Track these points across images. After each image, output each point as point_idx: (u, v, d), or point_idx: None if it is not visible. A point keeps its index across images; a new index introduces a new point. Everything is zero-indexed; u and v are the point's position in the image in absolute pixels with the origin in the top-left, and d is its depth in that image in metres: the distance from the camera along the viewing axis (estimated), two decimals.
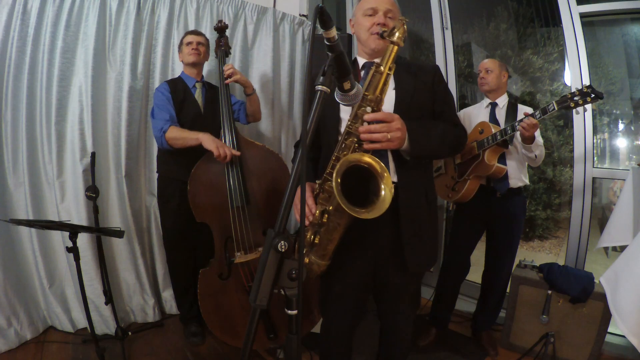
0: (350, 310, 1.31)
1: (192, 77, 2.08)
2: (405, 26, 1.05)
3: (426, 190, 1.25)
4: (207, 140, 1.79)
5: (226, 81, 1.94)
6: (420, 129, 1.13)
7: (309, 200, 1.11)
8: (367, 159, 1.04)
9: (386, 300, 1.34)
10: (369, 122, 1.06)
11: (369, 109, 1.06)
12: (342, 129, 1.19)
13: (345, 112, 1.20)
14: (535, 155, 1.87)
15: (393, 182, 1.15)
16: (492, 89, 2.08)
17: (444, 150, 1.23)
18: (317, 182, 1.12)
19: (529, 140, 1.80)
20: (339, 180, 0.99)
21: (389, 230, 1.18)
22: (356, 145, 1.07)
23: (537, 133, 1.83)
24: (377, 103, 1.07)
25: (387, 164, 1.17)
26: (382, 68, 1.07)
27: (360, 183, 1.07)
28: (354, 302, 1.30)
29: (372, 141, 1.05)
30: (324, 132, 1.27)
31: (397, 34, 1.05)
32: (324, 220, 1.07)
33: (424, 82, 1.23)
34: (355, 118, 1.07)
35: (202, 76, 2.15)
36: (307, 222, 1.12)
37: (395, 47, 1.06)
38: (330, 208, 1.06)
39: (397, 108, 1.18)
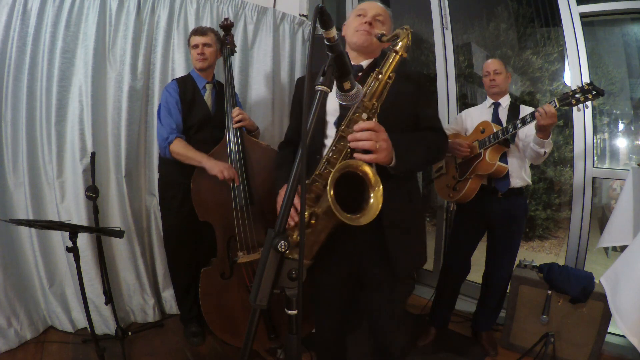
0: (338, 311, 1.32)
1: (203, 78, 2.05)
2: (410, 37, 1.05)
3: (409, 192, 1.26)
4: (210, 166, 1.79)
5: (234, 125, 1.90)
6: (406, 146, 1.13)
7: (295, 201, 1.09)
8: (365, 168, 1.03)
9: (373, 304, 1.31)
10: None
11: (365, 115, 1.05)
12: (328, 131, 1.20)
13: (331, 115, 1.21)
14: (545, 152, 1.81)
15: None
16: (501, 90, 2.07)
17: (427, 163, 1.26)
18: (307, 181, 1.11)
19: (545, 134, 1.73)
20: (332, 188, 0.98)
21: (369, 234, 1.17)
22: (348, 150, 1.06)
23: None
24: (374, 111, 1.06)
25: None
26: (381, 76, 1.06)
27: (349, 188, 1.06)
28: (342, 303, 1.31)
29: (361, 150, 1.04)
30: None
31: (400, 44, 1.05)
32: (312, 222, 1.05)
33: (408, 86, 1.23)
34: (350, 123, 1.06)
35: (214, 75, 2.11)
36: (292, 223, 1.11)
37: (397, 57, 1.06)
38: (319, 211, 1.04)
39: (380, 112, 1.16)
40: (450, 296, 2.22)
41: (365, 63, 1.26)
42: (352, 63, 1.27)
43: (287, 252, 0.67)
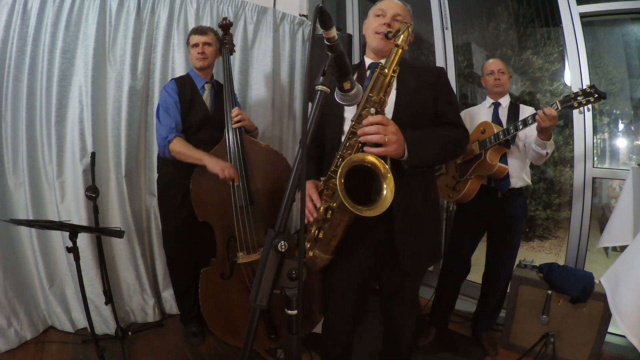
0: (350, 307, 1.31)
1: (202, 78, 2.05)
2: (409, 29, 1.07)
3: (425, 189, 1.25)
4: (211, 164, 1.79)
5: (234, 125, 1.89)
6: (419, 139, 1.13)
7: (314, 196, 1.13)
8: (372, 159, 1.05)
9: (386, 299, 1.35)
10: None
11: (373, 110, 1.08)
12: (346, 128, 1.21)
13: (349, 112, 1.21)
14: (547, 153, 1.81)
15: None
16: (504, 90, 2.08)
17: (444, 158, 1.24)
18: (322, 178, 1.14)
19: (546, 136, 1.73)
20: (342, 180, 1.01)
21: (385, 228, 1.18)
22: (360, 145, 1.09)
23: None
24: (381, 104, 1.09)
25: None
26: (386, 70, 1.08)
27: (363, 181, 1.08)
28: (355, 299, 1.31)
29: (370, 143, 1.06)
30: (327, 131, 1.28)
31: (401, 37, 1.07)
32: (328, 216, 1.08)
33: (426, 83, 1.23)
34: (359, 119, 1.09)
35: (212, 75, 2.12)
36: (311, 219, 1.13)
37: (400, 50, 1.08)
38: (334, 205, 1.07)
39: (397, 108, 1.19)
40: (450, 296, 2.22)
41: (383, 61, 1.26)
42: (372, 61, 1.29)
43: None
